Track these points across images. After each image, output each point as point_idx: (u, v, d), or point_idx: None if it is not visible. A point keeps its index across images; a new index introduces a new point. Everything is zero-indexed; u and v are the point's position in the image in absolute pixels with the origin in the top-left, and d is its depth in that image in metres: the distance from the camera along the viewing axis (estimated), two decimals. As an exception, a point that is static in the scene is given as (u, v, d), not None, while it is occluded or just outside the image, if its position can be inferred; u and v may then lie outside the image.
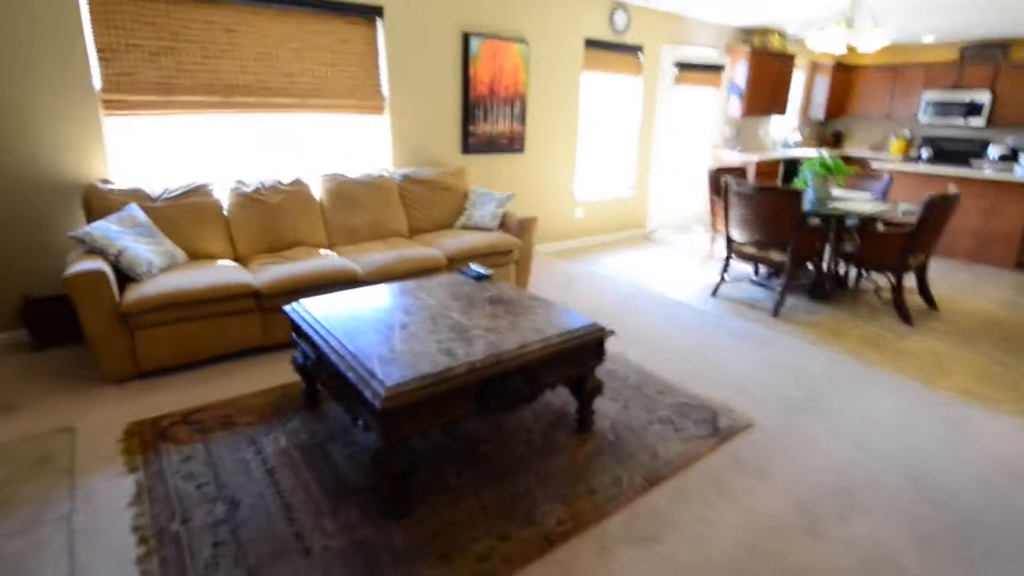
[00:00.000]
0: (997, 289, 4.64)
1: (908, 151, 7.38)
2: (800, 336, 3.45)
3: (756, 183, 3.80)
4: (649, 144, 5.90)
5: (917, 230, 3.60)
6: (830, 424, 2.48)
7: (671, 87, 5.88)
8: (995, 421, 2.55)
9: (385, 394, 1.65)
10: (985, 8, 5.03)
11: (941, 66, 6.86)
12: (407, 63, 3.96)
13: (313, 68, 3.60)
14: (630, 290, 4.19)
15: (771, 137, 7.36)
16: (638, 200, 5.99)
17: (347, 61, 3.72)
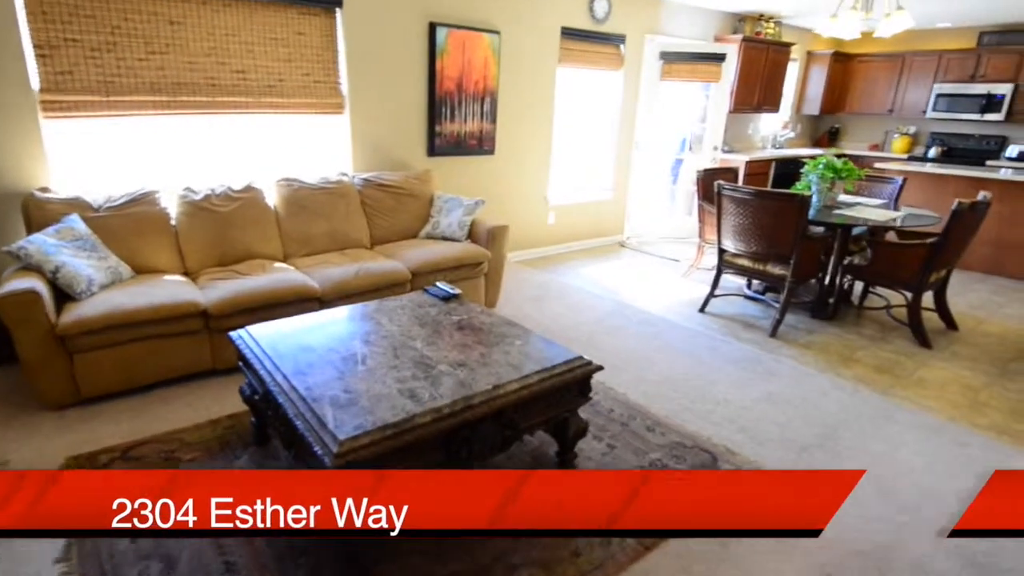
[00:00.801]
0: (1021, 306, 4.86)
1: (912, 149, 7.78)
2: (804, 361, 3.58)
3: (753, 187, 4.01)
4: (630, 144, 6.18)
5: (943, 242, 3.66)
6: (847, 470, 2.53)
7: (655, 82, 6.15)
8: None
9: (337, 451, 1.68)
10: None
11: (956, 54, 7.13)
12: (369, 57, 4.16)
13: (267, 64, 3.78)
14: (610, 305, 4.44)
15: (761, 135, 7.71)
16: (616, 204, 6.27)
17: (303, 56, 3.91)
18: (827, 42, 8.10)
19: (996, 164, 6.93)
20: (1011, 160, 6.96)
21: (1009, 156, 7.01)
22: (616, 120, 5.99)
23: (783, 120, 7.86)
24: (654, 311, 4.39)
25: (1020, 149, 6.96)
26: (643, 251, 6.12)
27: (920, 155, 7.61)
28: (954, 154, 7.39)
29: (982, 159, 7.12)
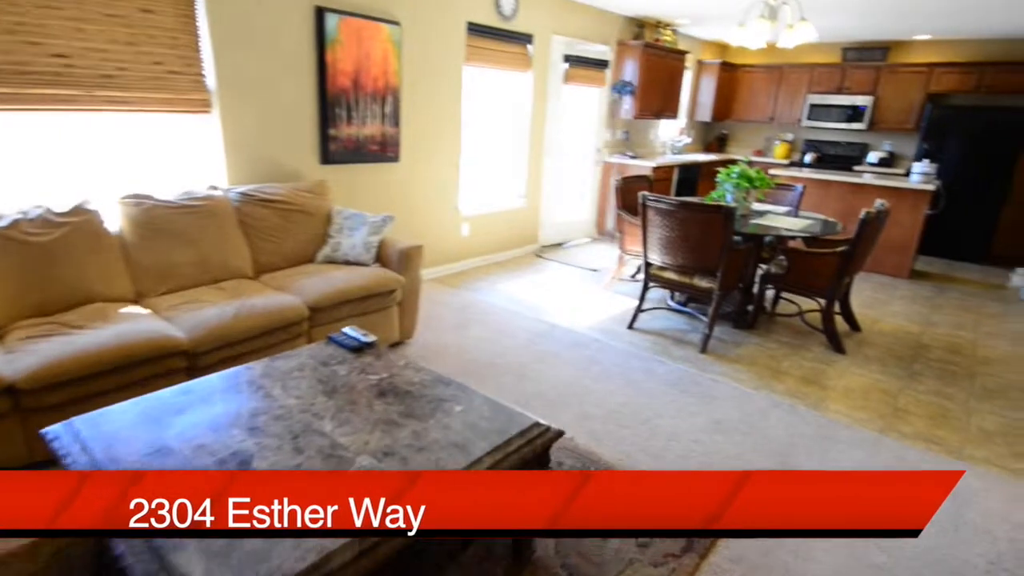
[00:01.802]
0: (903, 303, 4.97)
1: (791, 155, 8.01)
2: (739, 379, 3.34)
3: (678, 198, 3.69)
4: (540, 149, 5.70)
5: (852, 250, 3.64)
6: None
7: (560, 85, 5.73)
8: (980, 481, 2.50)
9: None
10: (865, 12, 5.47)
11: (824, 68, 7.44)
12: (242, 44, 3.29)
13: (100, 48, 2.80)
14: (537, 326, 3.90)
15: (660, 140, 7.58)
16: (530, 211, 5.76)
17: (152, 40, 2.97)
18: (715, 52, 8.14)
19: (861, 169, 7.26)
20: (872, 165, 7.32)
21: (871, 161, 7.37)
22: (526, 124, 5.46)
23: (679, 126, 7.77)
24: (583, 330, 3.92)
25: (880, 155, 7.34)
26: (560, 260, 5.66)
27: (798, 161, 7.83)
28: (826, 160, 7.65)
29: (850, 164, 7.43)
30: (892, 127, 7.15)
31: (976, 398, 3.28)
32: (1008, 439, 2.87)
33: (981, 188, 6.39)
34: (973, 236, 6.51)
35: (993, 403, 3.23)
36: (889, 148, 7.37)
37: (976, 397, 3.29)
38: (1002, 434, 2.91)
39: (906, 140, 7.22)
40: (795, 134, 7.99)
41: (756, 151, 8.22)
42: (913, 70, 6.92)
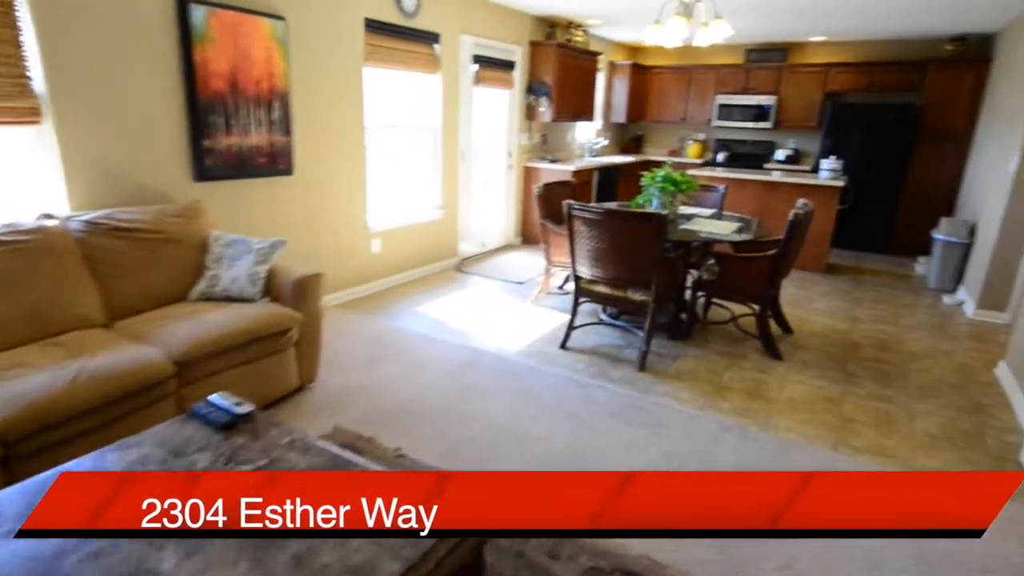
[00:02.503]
0: (825, 299, 4.92)
1: (704, 155, 8.01)
2: (682, 398, 3.04)
3: (606, 206, 3.36)
4: (455, 155, 5.25)
5: (784, 252, 3.47)
6: (788, 553, 1.94)
7: (471, 87, 5.31)
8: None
9: None
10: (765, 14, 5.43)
11: (730, 69, 7.47)
12: (81, 38, 2.62)
13: None
14: (462, 354, 3.45)
15: (578, 143, 7.34)
16: (447, 222, 5.30)
17: (-56, 31, 2.27)
18: (625, 53, 8.00)
19: (770, 166, 7.33)
20: (779, 162, 7.41)
21: (778, 159, 7.46)
22: (438, 129, 4.99)
23: (596, 128, 7.55)
24: (514, 355, 3.50)
25: (786, 152, 7.45)
26: (483, 274, 5.22)
27: (711, 160, 7.84)
28: (737, 158, 7.67)
29: (759, 162, 7.49)
30: (796, 125, 7.26)
31: (914, 398, 3.18)
32: (954, 442, 2.74)
33: (880, 182, 6.54)
34: (876, 228, 6.68)
35: (930, 402, 3.13)
36: (794, 146, 7.49)
37: (913, 397, 3.19)
38: (947, 437, 2.79)
39: (809, 137, 7.36)
40: (707, 134, 8.00)
41: (671, 151, 8.16)
42: (811, 70, 7.06)
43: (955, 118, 6.23)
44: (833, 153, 6.40)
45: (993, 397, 3.21)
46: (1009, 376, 3.30)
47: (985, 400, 3.17)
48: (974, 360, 3.72)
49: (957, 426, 2.87)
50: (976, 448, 2.68)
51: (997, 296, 4.44)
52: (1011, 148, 4.41)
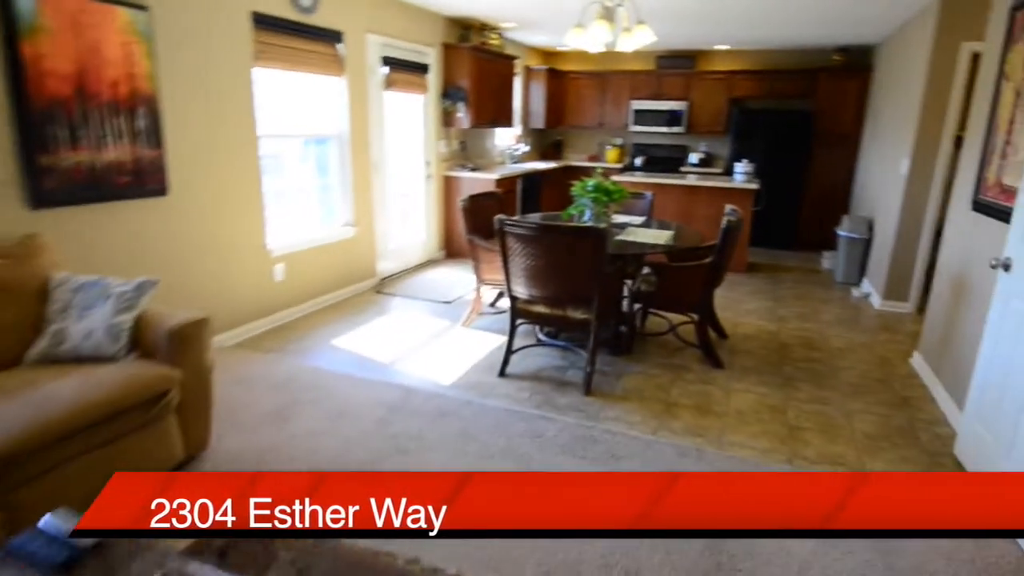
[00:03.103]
0: (751, 299, 4.89)
1: (623, 160, 7.92)
2: (633, 422, 2.77)
3: (542, 222, 3.00)
4: (367, 166, 4.73)
5: (720, 259, 3.31)
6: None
7: (381, 91, 4.82)
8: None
9: None
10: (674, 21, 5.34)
11: (643, 75, 7.41)
12: None
13: None
14: (389, 394, 2.95)
15: (498, 150, 6.99)
16: (363, 239, 4.75)
17: None
18: (541, 58, 7.74)
19: (686, 170, 7.36)
20: (693, 166, 7.47)
21: (692, 162, 7.52)
22: (346, 138, 4.45)
23: (515, 134, 7.23)
24: (448, 389, 3.06)
25: (699, 156, 7.51)
26: (406, 295, 4.72)
27: (629, 164, 7.75)
28: (654, 162, 7.64)
29: (675, 166, 7.50)
30: (706, 130, 7.32)
31: (847, 396, 3.18)
32: (892, 441, 2.75)
33: (784, 182, 6.71)
34: (782, 226, 6.85)
35: (863, 400, 3.14)
36: (705, 149, 7.55)
37: (847, 396, 3.19)
38: (884, 436, 2.76)
39: (719, 141, 7.46)
40: (624, 138, 7.91)
41: (590, 156, 8.01)
42: (717, 77, 7.14)
43: (844, 122, 6.57)
44: (741, 156, 6.53)
45: (915, 389, 3.27)
46: (924, 366, 3.41)
47: (909, 393, 3.22)
48: (891, 352, 3.81)
49: (891, 423, 2.87)
50: (912, 445, 2.68)
51: (899, 288, 4.63)
52: (899, 152, 4.61)
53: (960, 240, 3.11)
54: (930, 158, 4.24)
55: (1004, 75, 2.68)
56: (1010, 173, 2.53)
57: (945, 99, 4.09)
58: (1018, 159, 2.46)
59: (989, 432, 2.26)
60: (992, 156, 2.74)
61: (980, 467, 2.31)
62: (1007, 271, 2.22)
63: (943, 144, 4.17)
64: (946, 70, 4.02)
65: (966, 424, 2.49)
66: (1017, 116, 2.51)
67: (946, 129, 4.14)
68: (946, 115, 4.11)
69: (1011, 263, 2.20)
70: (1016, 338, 2.11)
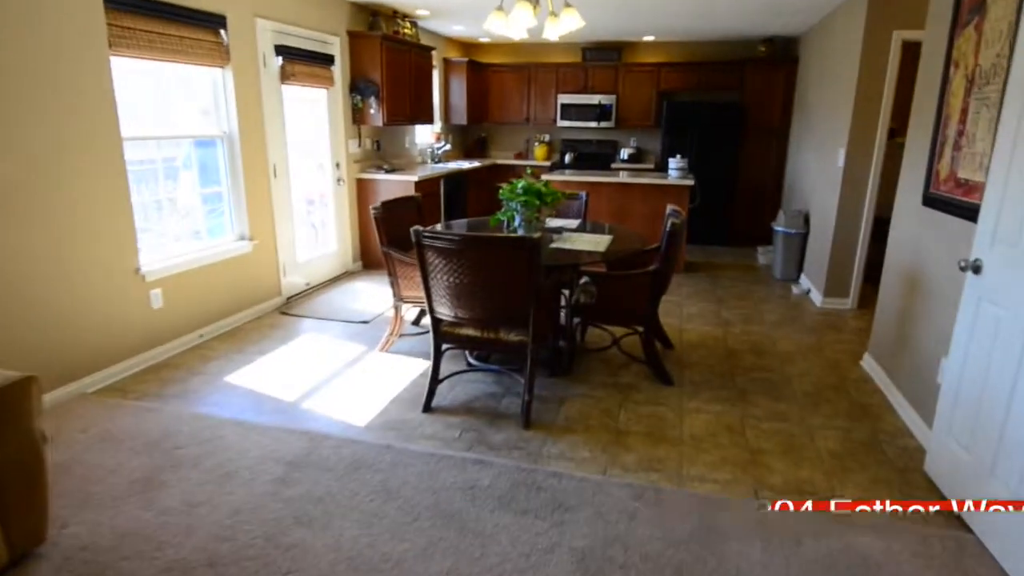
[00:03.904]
0: (692, 302, 4.78)
1: (551, 156, 7.73)
2: (583, 460, 2.49)
3: (464, 233, 2.67)
4: (264, 170, 4.24)
5: (663, 266, 3.11)
6: None
7: (277, 85, 4.35)
8: (881, 539, 1.98)
9: None
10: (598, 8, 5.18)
11: (569, 67, 7.25)
12: None
13: None
14: (291, 446, 2.54)
15: (418, 148, 6.61)
16: (262, 254, 4.26)
17: None
18: (461, 50, 7.42)
19: (617, 166, 7.26)
20: (624, 162, 7.37)
21: (622, 158, 7.43)
22: (235, 138, 3.95)
23: (436, 132, 6.86)
24: (364, 433, 2.67)
25: (629, 151, 7.43)
26: (316, 315, 4.26)
27: (558, 162, 7.57)
28: (583, 158, 7.50)
29: (606, 162, 7.39)
30: (636, 124, 7.26)
31: (805, 409, 3.04)
32: (859, 460, 2.56)
33: (717, 177, 6.70)
34: (716, 221, 6.84)
35: (821, 412, 3.01)
36: (636, 144, 7.50)
37: (805, 408, 3.05)
38: (850, 454, 2.60)
39: (649, 136, 7.42)
40: (552, 134, 7.73)
41: (517, 154, 7.78)
42: (644, 69, 7.10)
43: (772, 114, 6.64)
44: (672, 150, 6.47)
45: (872, 395, 3.18)
46: (877, 368, 3.35)
47: (866, 399, 3.13)
48: (840, 354, 3.76)
49: (854, 438, 2.74)
50: (880, 462, 2.54)
51: (839, 284, 4.62)
52: (834, 144, 4.59)
53: (910, 236, 3.03)
54: (867, 149, 4.24)
55: (952, 62, 2.60)
56: (966, 166, 2.42)
57: (879, 89, 4.09)
58: (974, 151, 2.36)
59: (966, 450, 2.13)
60: (943, 148, 2.64)
61: (957, 488, 2.17)
62: (977, 274, 2.09)
63: (879, 135, 4.19)
64: (878, 60, 4.02)
65: (937, 440, 2.35)
66: (971, 104, 2.41)
67: (881, 120, 4.15)
68: (881, 106, 4.12)
69: (981, 265, 2.07)
70: (991, 345, 1.99)
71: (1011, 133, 1.93)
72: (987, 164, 2.17)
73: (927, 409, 2.65)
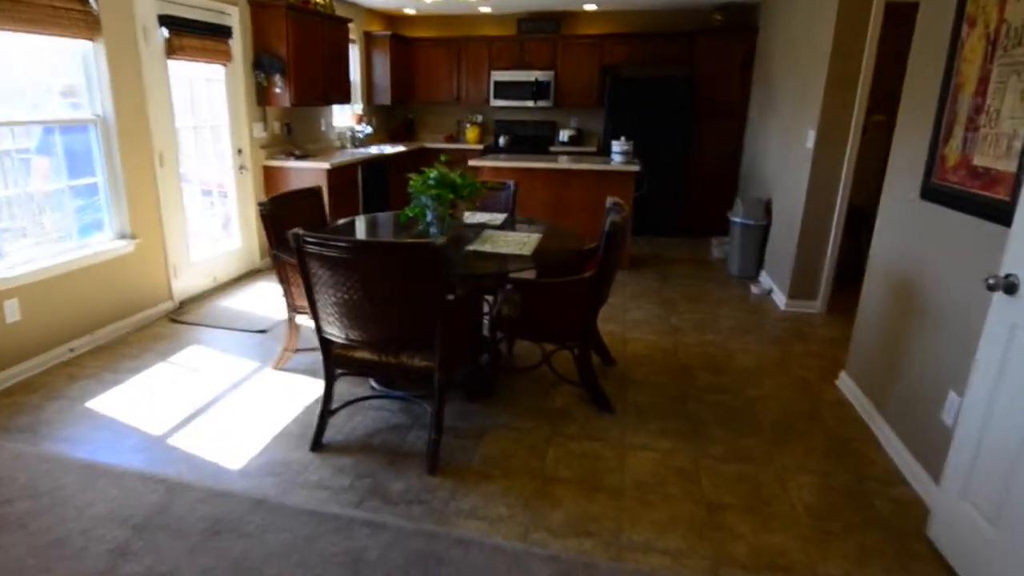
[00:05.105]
0: (638, 304, 4.48)
1: (484, 139, 7.43)
2: (499, 519, 2.15)
3: (352, 238, 2.35)
4: (148, 158, 3.83)
5: (601, 273, 2.75)
6: None
7: (162, 60, 3.92)
8: None
9: None
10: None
11: (503, 41, 6.92)
12: None
13: None
14: (145, 497, 2.21)
15: (336, 132, 6.21)
16: (146, 255, 3.87)
17: None
18: (382, 23, 7.00)
19: (556, 150, 7.00)
20: (564, 144, 7.11)
21: (562, 140, 7.16)
22: (111, 122, 3.52)
23: (357, 113, 6.46)
24: (235, 479, 2.35)
25: (569, 133, 7.16)
26: (210, 323, 3.90)
27: (492, 145, 7.29)
28: (520, 141, 7.23)
29: (544, 145, 7.14)
30: (577, 102, 7.00)
31: (773, 445, 2.67)
32: (843, 517, 2.21)
33: (667, 160, 6.42)
34: (666, 210, 6.57)
35: (792, 450, 2.64)
36: (577, 125, 7.28)
37: (773, 443, 2.69)
38: (831, 509, 2.26)
39: (591, 115, 7.19)
40: (485, 115, 7.43)
41: (447, 136, 7.46)
42: (586, 42, 6.80)
43: (729, 90, 6.27)
44: (617, 131, 6.15)
45: (852, 426, 2.85)
46: (855, 390, 3.06)
47: (846, 432, 2.80)
48: (810, 371, 3.42)
49: (835, 485, 2.41)
50: (871, 522, 2.19)
51: (806, 285, 4.31)
52: (803, 123, 4.28)
53: (902, 237, 2.66)
54: (842, 129, 3.91)
55: (967, 19, 2.21)
56: (986, 150, 2.02)
57: (857, 59, 3.76)
58: (999, 131, 1.98)
59: (991, 524, 1.74)
60: (952, 127, 2.27)
61: (980, 570, 1.79)
62: (1011, 294, 1.70)
63: (856, 112, 3.86)
64: (857, 24, 3.70)
65: (947, 502, 1.97)
66: (993, 71, 2.02)
67: (860, 95, 3.83)
68: (860, 79, 3.81)
69: (1017, 283, 1.68)
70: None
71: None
72: (1021, 148, 1.83)
73: (926, 451, 2.32)
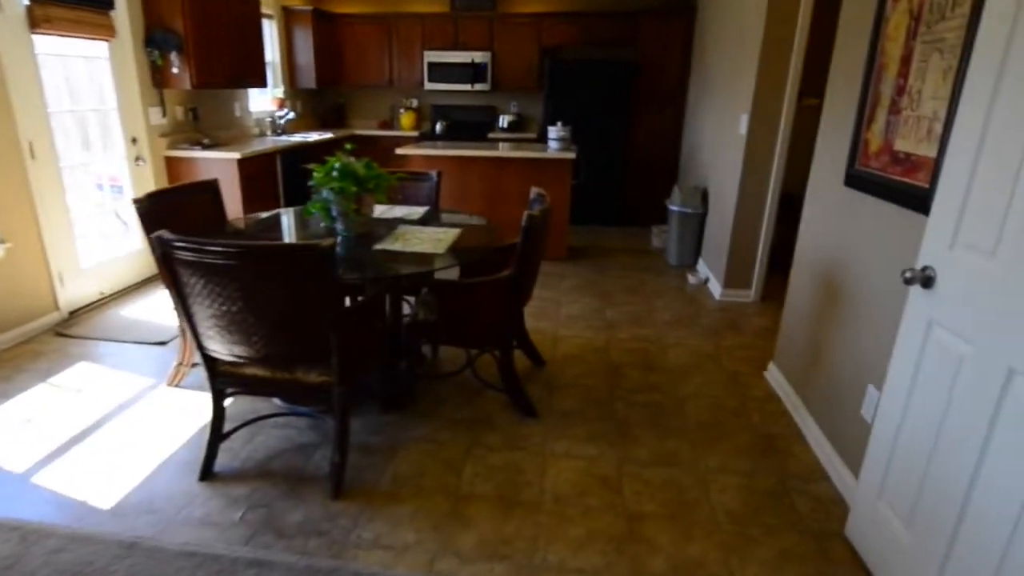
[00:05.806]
0: (573, 298, 4.34)
1: (420, 125, 7.09)
2: (406, 549, 1.95)
3: (227, 242, 2.03)
4: (15, 149, 3.38)
5: (519, 271, 2.57)
6: None
7: (25, 35, 3.46)
8: None
9: None
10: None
11: (436, 19, 6.58)
12: None
13: None
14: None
15: (254, 118, 5.76)
16: (24, 260, 3.43)
17: None
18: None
19: (496, 136, 6.75)
20: (504, 130, 6.86)
21: (502, 126, 6.91)
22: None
23: (277, 97, 6.02)
24: (108, 519, 2.05)
25: (509, 119, 6.89)
26: (101, 336, 3.48)
27: (429, 132, 6.95)
28: (458, 127, 6.92)
29: (483, 131, 6.87)
30: (516, 86, 6.74)
31: (699, 447, 2.58)
32: (764, 521, 2.14)
33: (607, 147, 6.29)
34: (605, 198, 6.46)
35: (719, 449, 2.56)
36: (517, 110, 7.02)
37: (699, 445, 2.59)
38: (753, 514, 2.18)
39: (531, 100, 6.96)
40: (420, 99, 7.09)
41: (381, 122, 7.08)
42: (523, 21, 6.53)
43: (670, 75, 6.18)
44: (557, 117, 5.96)
45: (778, 420, 2.80)
46: (783, 382, 3.01)
47: (771, 427, 2.75)
48: (740, 363, 3.37)
49: (758, 487, 2.33)
50: (792, 524, 2.13)
51: (741, 273, 4.31)
52: (736, 109, 4.23)
53: (827, 224, 2.62)
54: (773, 114, 3.88)
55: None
56: (907, 134, 1.94)
57: (788, 40, 3.71)
58: (920, 113, 1.88)
59: (905, 526, 1.71)
60: (875, 110, 2.17)
61: (895, 572, 1.75)
62: (927, 287, 1.63)
63: (787, 96, 3.83)
64: (790, 5, 3.64)
65: (864, 502, 1.93)
66: (915, 49, 1.93)
67: (791, 77, 3.79)
68: (791, 60, 3.76)
69: (934, 276, 1.60)
70: (948, 392, 1.54)
71: (986, 85, 1.40)
72: (941, 132, 1.75)
73: (846, 444, 2.31)
